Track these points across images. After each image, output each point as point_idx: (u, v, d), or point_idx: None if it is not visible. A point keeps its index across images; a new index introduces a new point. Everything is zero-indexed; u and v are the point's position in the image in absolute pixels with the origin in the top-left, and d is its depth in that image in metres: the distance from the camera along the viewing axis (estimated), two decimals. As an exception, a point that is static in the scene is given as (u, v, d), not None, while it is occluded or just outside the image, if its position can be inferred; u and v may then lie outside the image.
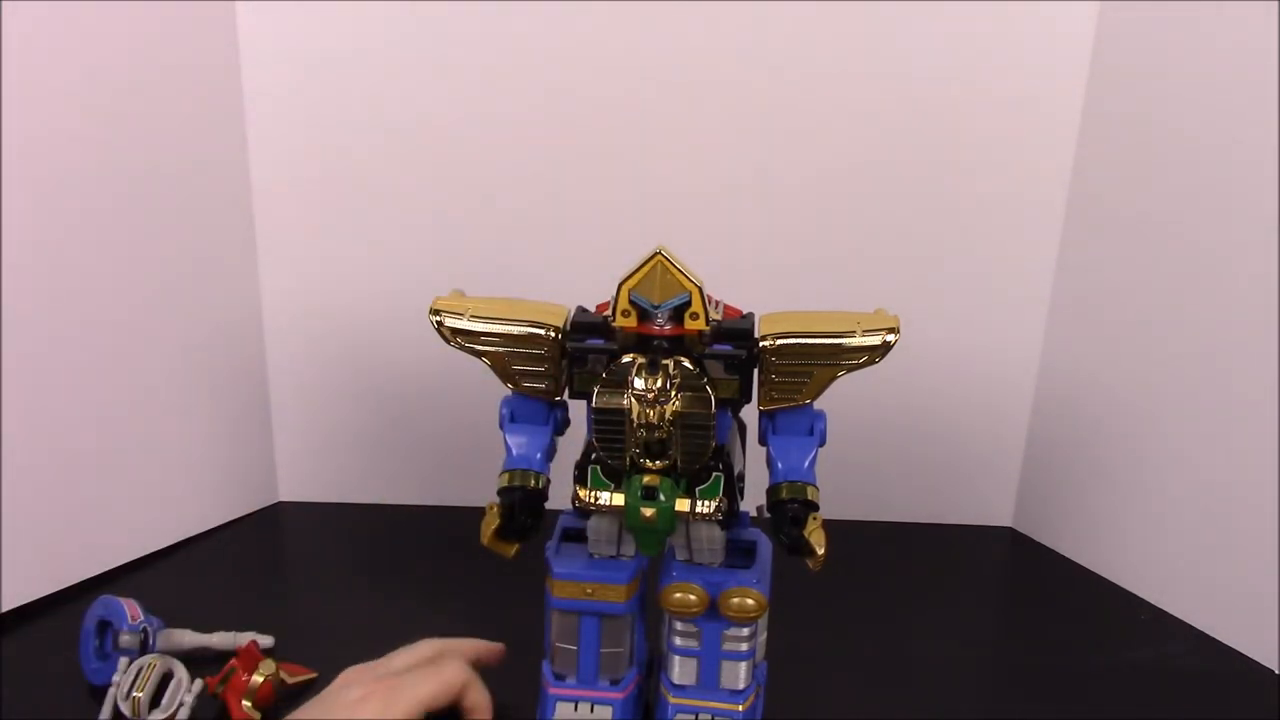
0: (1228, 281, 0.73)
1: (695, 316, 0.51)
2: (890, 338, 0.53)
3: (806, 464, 0.54)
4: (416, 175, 0.85)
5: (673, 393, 0.51)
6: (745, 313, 0.56)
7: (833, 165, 0.83)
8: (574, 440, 0.57)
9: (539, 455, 0.56)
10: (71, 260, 0.75)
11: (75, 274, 0.75)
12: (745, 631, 0.56)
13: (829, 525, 0.53)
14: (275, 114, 0.83)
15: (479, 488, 0.61)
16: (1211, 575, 0.77)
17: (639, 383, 0.51)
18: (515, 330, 0.54)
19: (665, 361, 0.51)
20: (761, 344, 0.53)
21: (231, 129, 0.83)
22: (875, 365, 0.53)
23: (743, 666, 0.57)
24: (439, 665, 0.59)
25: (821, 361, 0.53)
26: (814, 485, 0.54)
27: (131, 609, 0.69)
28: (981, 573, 0.89)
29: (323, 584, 0.83)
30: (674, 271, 0.51)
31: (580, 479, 0.55)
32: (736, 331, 0.54)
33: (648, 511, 0.52)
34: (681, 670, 0.57)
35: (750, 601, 0.55)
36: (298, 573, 0.88)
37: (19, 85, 0.68)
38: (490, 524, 0.54)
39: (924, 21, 0.79)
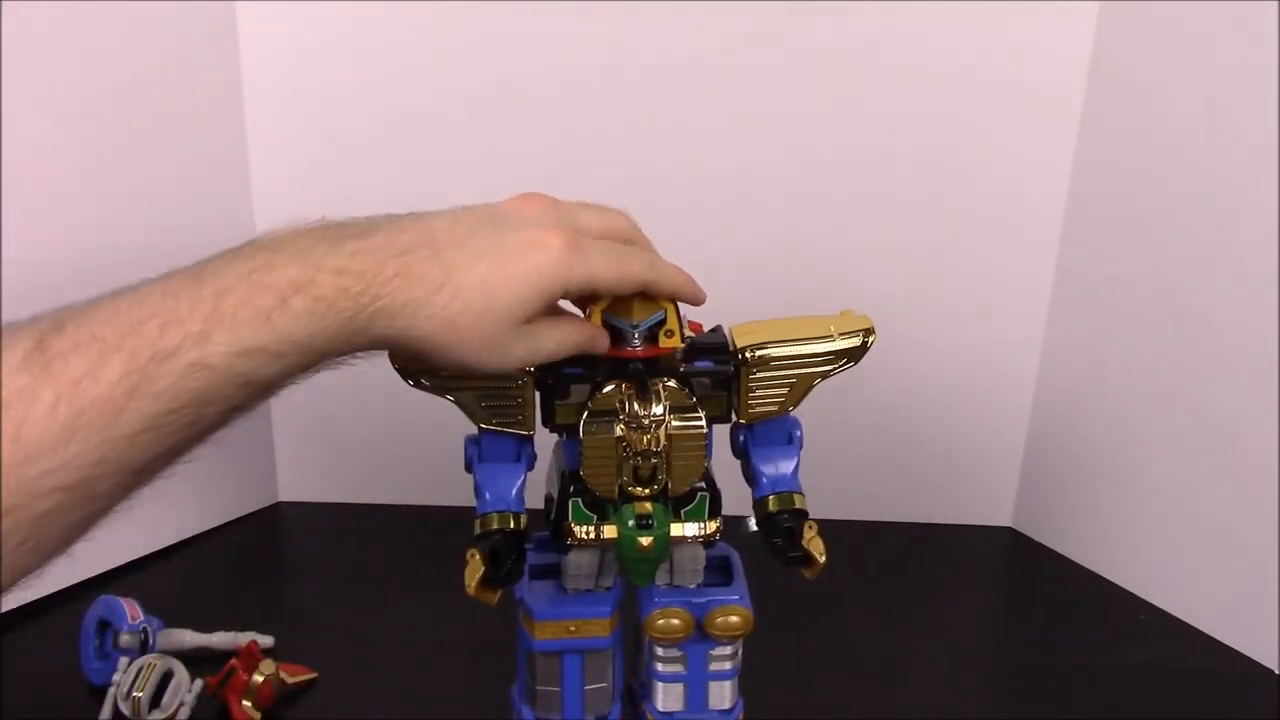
0: (1227, 281, 0.73)
1: (670, 334, 0.50)
2: (869, 339, 0.52)
3: (790, 472, 0.53)
4: (417, 174, 0.84)
5: (667, 416, 0.49)
6: (712, 327, 0.54)
7: (831, 165, 0.83)
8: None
9: (514, 494, 0.52)
10: (69, 260, 0.75)
11: (74, 274, 0.75)
12: (729, 650, 0.55)
13: (828, 525, 0.53)
14: (275, 113, 0.83)
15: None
16: (1211, 575, 0.77)
17: (631, 409, 0.49)
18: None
19: (655, 385, 0.49)
20: (743, 355, 0.51)
21: (232, 128, 0.83)
22: (866, 367, 0.53)
23: (728, 685, 0.56)
24: (628, 252, 0.48)
25: (801, 369, 0.52)
26: (800, 493, 0.53)
27: (131, 609, 0.69)
28: (981, 573, 0.89)
29: (323, 584, 0.83)
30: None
31: (560, 513, 0.51)
32: (714, 346, 0.52)
33: (645, 541, 0.49)
34: (667, 696, 0.56)
35: (735, 619, 0.53)
36: (298, 573, 0.88)
37: (18, 86, 0.68)
38: (475, 573, 0.50)
39: (924, 21, 0.79)
